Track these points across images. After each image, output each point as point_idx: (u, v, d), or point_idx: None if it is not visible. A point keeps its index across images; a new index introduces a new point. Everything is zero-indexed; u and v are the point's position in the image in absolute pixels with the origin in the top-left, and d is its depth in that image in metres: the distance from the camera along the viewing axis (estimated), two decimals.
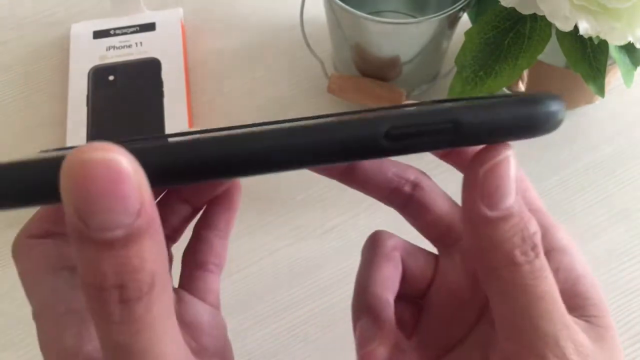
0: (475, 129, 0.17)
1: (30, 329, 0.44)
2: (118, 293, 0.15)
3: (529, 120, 0.17)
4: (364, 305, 0.24)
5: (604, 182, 0.47)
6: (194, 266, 0.25)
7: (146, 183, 0.14)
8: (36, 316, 0.20)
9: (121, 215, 0.14)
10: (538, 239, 0.19)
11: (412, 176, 0.24)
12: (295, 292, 0.43)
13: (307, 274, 0.43)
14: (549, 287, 0.19)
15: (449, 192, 0.25)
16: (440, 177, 0.28)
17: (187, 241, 0.25)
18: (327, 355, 0.40)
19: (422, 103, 0.25)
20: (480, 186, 0.18)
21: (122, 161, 0.14)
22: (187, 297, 0.25)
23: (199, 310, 0.24)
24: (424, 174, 0.25)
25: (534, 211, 0.22)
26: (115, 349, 0.16)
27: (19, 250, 0.22)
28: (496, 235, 0.18)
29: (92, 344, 0.19)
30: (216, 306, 0.25)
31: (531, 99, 0.18)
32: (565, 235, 0.23)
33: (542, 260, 0.19)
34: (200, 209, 0.25)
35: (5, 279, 0.44)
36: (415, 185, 0.24)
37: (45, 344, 0.20)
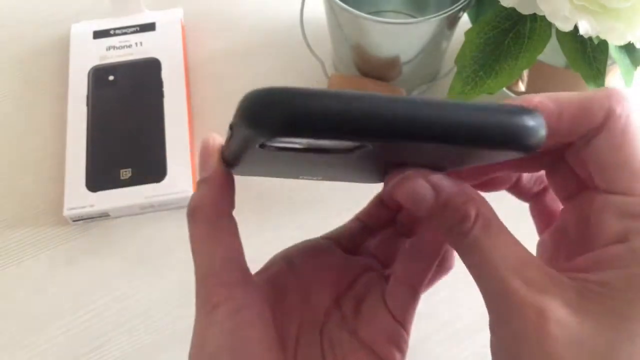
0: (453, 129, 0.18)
1: (30, 328, 0.45)
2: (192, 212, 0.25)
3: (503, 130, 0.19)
4: None
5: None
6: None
7: (217, 155, 0.25)
8: (207, 315, 0.24)
9: (202, 171, 0.25)
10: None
11: None
12: None
13: None
14: None
15: None
16: None
17: None
18: None
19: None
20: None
21: (209, 142, 0.26)
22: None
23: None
24: None
25: None
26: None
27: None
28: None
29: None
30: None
31: (508, 110, 0.19)
32: None
33: None
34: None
35: (5, 279, 0.45)
36: None
37: (213, 351, 0.24)
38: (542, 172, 0.26)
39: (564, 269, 0.20)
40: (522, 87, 0.48)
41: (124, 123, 0.50)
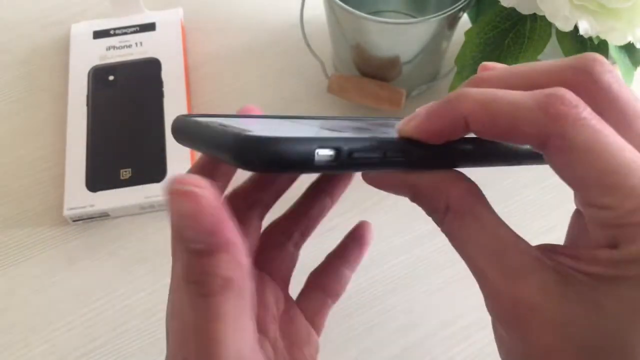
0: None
1: (30, 328, 0.45)
2: (197, 288, 0.20)
3: None
4: None
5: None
6: (317, 288, 0.31)
7: (224, 212, 0.20)
8: (176, 287, 0.24)
9: (201, 234, 0.20)
10: None
11: None
12: (295, 292, 0.43)
13: (307, 273, 0.43)
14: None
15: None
16: None
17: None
18: (325, 353, 0.40)
19: None
20: None
21: (204, 196, 0.19)
22: (297, 313, 0.29)
23: (302, 327, 0.29)
24: None
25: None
26: (195, 331, 0.20)
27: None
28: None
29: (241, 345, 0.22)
30: (319, 329, 0.30)
31: None
32: None
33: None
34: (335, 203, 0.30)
35: (5, 279, 0.44)
36: None
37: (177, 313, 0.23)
38: None
39: (550, 251, 0.20)
40: None
41: (124, 123, 0.50)
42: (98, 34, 0.55)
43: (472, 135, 0.21)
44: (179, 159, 0.48)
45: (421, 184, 0.21)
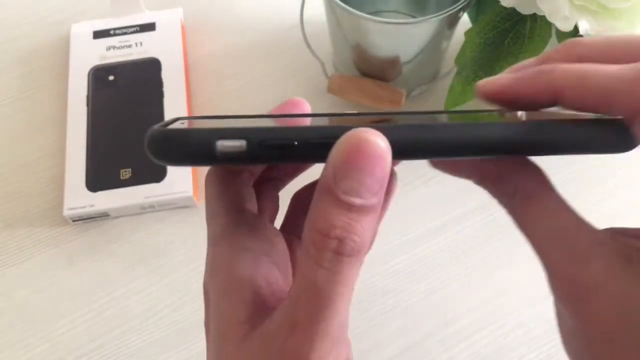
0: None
1: (30, 328, 0.44)
2: (336, 245, 0.18)
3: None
4: None
5: (604, 182, 0.47)
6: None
7: (389, 172, 0.18)
8: (212, 243, 0.23)
9: (366, 190, 0.18)
10: None
11: None
12: None
13: None
14: None
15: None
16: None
17: None
18: None
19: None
20: None
21: (387, 153, 0.18)
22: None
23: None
24: None
25: None
26: (309, 288, 0.18)
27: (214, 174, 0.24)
28: None
29: (262, 279, 0.21)
30: None
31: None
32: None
33: None
34: None
35: (5, 279, 0.44)
36: None
37: (216, 265, 0.22)
38: None
39: (616, 233, 0.20)
40: None
41: (124, 123, 0.50)
42: (98, 34, 0.55)
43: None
44: None
45: (490, 169, 0.22)
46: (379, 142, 0.17)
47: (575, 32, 0.36)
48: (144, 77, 0.52)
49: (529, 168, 0.21)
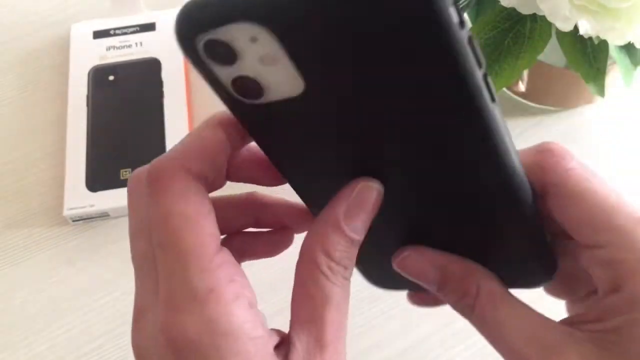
0: None
1: (30, 328, 0.44)
2: (337, 267, 0.21)
3: None
4: None
5: None
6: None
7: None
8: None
9: (364, 226, 0.22)
10: None
11: None
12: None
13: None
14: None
15: None
16: None
17: None
18: None
19: None
20: None
21: (379, 198, 0.22)
22: None
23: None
24: None
25: None
26: (315, 313, 0.21)
27: (171, 177, 0.22)
28: None
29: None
30: None
31: None
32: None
33: None
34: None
35: (5, 279, 0.44)
36: None
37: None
38: None
39: (575, 323, 0.21)
40: (522, 87, 0.48)
41: (124, 123, 0.50)
42: (98, 34, 0.55)
43: None
44: None
45: (453, 271, 0.23)
46: (381, 190, 0.21)
47: (575, 32, 0.36)
48: (144, 77, 0.52)
49: (489, 272, 0.23)
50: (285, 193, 0.26)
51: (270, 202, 0.26)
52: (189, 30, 0.18)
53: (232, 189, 0.26)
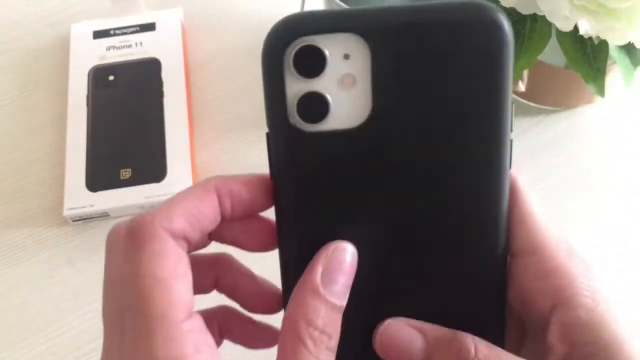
0: None
1: (30, 328, 0.44)
2: (320, 337, 0.21)
3: None
4: None
5: (604, 182, 0.47)
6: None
7: None
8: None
9: (345, 292, 0.22)
10: None
11: None
12: None
13: None
14: None
15: None
16: None
17: None
18: None
19: None
20: None
21: (354, 259, 0.22)
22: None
23: None
24: None
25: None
26: None
27: (149, 236, 0.21)
28: None
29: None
30: None
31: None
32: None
33: None
34: None
35: (5, 279, 0.44)
36: None
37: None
38: None
39: None
40: (522, 87, 0.48)
41: (124, 123, 0.50)
42: (98, 34, 0.55)
43: None
44: (179, 159, 0.48)
45: (435, 333, 0.23)
46: (354, 252, 0.22)
47: (575, 32, 0.36)
48: (144, 77, 0.52)
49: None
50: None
51: (237, 270, 0.26)
52: (289, 33, 0.20)
53: None
